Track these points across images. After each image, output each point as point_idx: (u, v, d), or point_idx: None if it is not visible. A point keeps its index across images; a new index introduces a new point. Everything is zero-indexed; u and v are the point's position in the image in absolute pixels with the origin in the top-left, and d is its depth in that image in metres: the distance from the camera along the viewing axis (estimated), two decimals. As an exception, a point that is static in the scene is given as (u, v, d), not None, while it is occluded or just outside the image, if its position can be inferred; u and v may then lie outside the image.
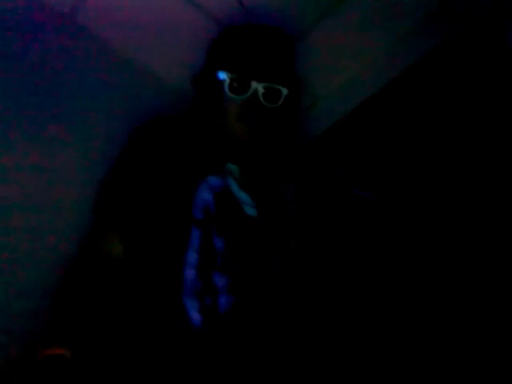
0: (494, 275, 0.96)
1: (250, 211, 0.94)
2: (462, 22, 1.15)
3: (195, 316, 0.80)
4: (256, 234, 0.93)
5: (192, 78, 1.04)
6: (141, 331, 0.80)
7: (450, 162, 1.11)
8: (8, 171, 1.00)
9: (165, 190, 0.91)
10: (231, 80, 0.94)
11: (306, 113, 1.51)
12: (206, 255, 0.86)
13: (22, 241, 0.99)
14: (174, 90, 1.17)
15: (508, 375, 0.88)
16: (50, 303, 0.90)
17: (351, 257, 1.27)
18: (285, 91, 0.96)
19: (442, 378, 0.97)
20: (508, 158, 1.00)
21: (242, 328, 0.83)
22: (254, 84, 0.93)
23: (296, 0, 1.17)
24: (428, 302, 1.05)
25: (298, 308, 0.95)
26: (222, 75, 0.95)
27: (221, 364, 0.79)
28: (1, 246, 0.98)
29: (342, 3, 1.19)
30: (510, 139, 1.00)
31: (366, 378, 1.09)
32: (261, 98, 0.94)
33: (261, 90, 0.93)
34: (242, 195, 0.95)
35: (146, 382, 0.77)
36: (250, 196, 0.96)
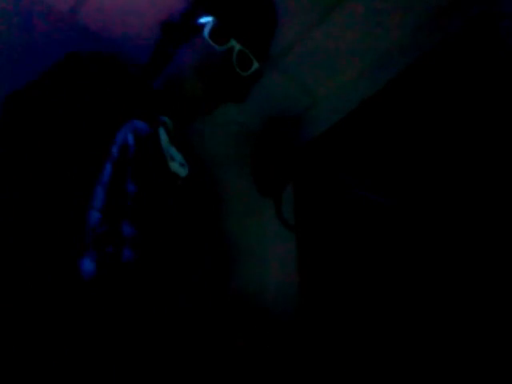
0: (493, 275, 0.96)
1: (179, 170, 0.89)
2: (460, 18, 1.15)
3: (89, 265, 0.70)
4: (179, 192, 0.88)
5: (166, 23, 0.99)
6: (27, 274, 0.68)
7: (449, 162, 1.11)
8: None
9: (84, 122, 0.80)
10: (213, 26, 0.90)
11: (305, 113, 1.51)
12: (115, 197, 0.76)
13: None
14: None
15: (508, 375, 0.88)
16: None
17: (351, 256, 1.27)
18: (256, 64, 0.94)
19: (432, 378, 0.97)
20: (508, 158, 1.00)
21: (141, 283, 0.74)
22: (233, 42, 0.91)
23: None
24: (427, 302, 1.05)
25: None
26: (206, 19, 0.91)
27: (111, 318, 0.69)
28: None
29: (342, 3, 1.19)
30: (510, 139, 1.00)
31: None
32: (234, 59, 0.91)
33: (236, 50, 0.91)
34: (172, 150, 0.90)
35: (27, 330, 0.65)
36: (183, 155, 0.92)
